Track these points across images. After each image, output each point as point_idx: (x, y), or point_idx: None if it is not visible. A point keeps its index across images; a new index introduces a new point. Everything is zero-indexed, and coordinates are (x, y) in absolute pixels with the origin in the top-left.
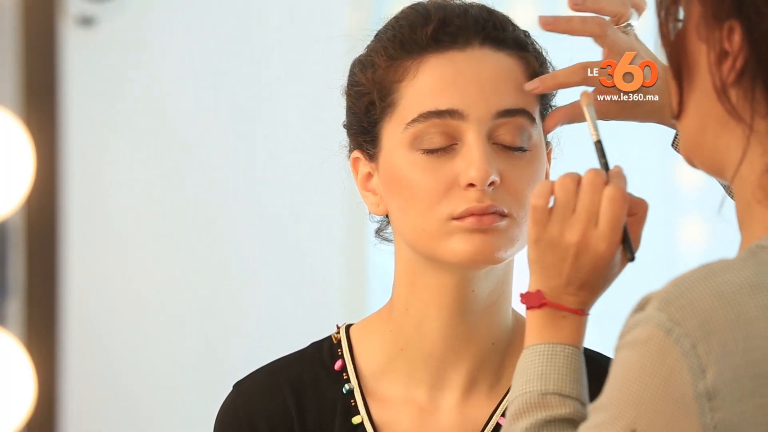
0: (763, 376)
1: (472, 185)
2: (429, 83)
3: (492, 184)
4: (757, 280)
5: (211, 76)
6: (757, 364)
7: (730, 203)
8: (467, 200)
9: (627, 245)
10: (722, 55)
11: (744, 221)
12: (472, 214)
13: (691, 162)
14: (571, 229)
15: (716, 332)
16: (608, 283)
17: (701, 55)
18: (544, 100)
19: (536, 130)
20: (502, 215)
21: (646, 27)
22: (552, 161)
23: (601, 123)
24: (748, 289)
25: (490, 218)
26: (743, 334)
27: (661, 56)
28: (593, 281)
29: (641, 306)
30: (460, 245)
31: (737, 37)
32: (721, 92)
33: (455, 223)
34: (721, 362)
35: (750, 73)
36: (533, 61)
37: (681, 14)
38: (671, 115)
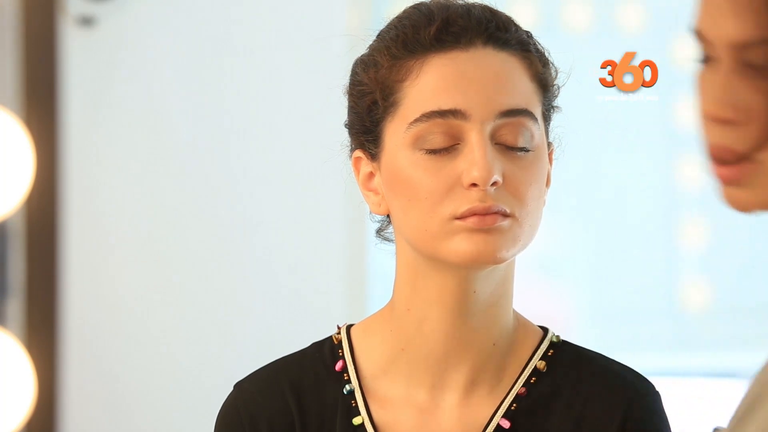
0: None
1: (474, 185)
2: (432, 83)
3: (494, 184)
4: None
5: (211, 76)
6: None
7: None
8: (470, 200)
9: None
10: None
11: None
12: (474, 214)
13: None
14: None
15: None
16: None
17: None
18: (547, 100)
19: (538, 131)
20: (505, 215)
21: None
22: (553, 162)
23: (600, 122)
24: None
25: (493, 218)
26: None
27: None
28: None
29: None
30: (462, 245)
31: None
32: None
33: (457, 222)
34: None
35: None
36: (536, 62)
37: None
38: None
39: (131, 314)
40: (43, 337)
